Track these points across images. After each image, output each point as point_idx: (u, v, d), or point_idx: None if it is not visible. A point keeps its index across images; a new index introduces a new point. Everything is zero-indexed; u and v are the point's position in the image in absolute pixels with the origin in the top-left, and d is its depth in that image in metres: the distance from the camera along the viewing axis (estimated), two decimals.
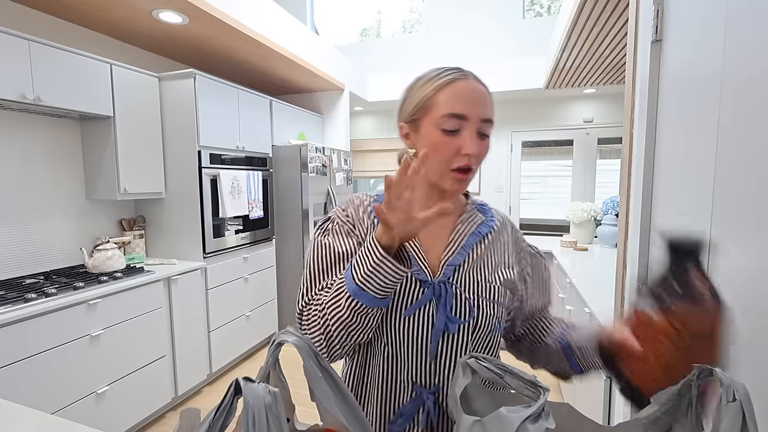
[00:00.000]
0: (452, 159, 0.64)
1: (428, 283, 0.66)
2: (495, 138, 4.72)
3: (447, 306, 0.65)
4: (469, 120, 0.63)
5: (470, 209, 0.76)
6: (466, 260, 0.69)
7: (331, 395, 0.41)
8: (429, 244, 0.70)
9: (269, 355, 0.45)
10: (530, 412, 0.35)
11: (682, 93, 0.89)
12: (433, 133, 0.65)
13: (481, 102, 0.64)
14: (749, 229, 0.65)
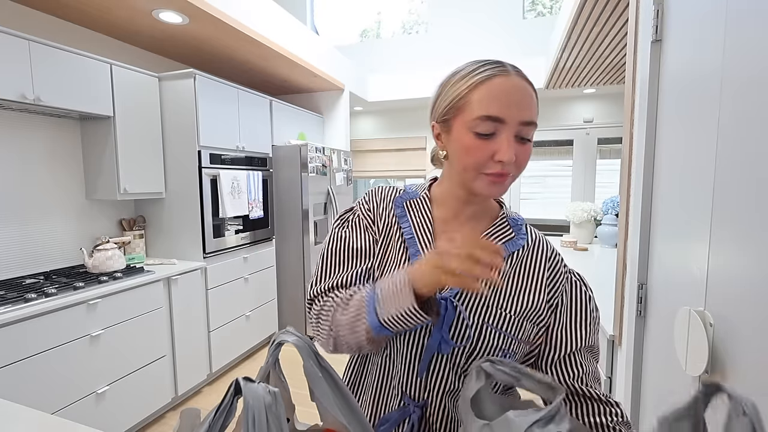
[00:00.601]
0: (485, 164, 0.58)
1: (432, 297, 0.59)
2: None
3: (445, 325, 0.59)
4: (507, 123, 0.56)
5: (501, 222, 0.68)
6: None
7: (331, 395, 0.41)
8: None
9: (269, 355, 0.45)
10: (539, 416, 0.35)
11: (682, 93, 0.89)
12: (465, 136, 0.58)
13: (522, 102, 0.57)
14: (749, 229, 0.65)
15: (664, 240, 0.99)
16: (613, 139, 4.33)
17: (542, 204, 4.72)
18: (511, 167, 0.58)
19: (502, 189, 0.60)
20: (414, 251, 0.64)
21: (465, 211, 0.67)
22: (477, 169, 0.59)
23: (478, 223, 0.68)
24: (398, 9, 5.32)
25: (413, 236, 0.65)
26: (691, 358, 0.77)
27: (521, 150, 0.58)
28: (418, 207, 0.69)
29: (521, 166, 0.60)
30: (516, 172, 0.60)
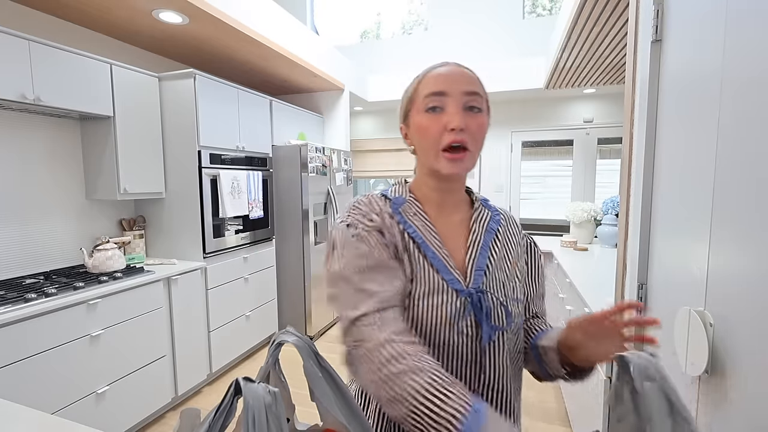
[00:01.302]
0: (441, 138, 0.63)
1: (464, 292, 0.63)
2: (495, 138, 4.72)
3: (488, 316, 0.63)
4: (450, 95, 0.63)
5: (478, 207, 0.74)
6: (489, 261, 0.67)
7: (331, 395, 0.41)
8: (450, 247, 0.67)
9: (269, 355, 0.45)
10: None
11: (682, 93, 0.89)
12: (420, 118, 0.65)
13: (461, 78, 0.64)
14: (749, 229, 0.65)
15: (664, 240, 0.99)
16: (613, 139, 4.33)
17: (542, 204, 4.72)
18: (466, 137, 0.62)
19: (463, 166, 0.64)
20: (431, 254, 0.65)
21: (446, 203, 0.71)
22: (435, 145, 0.63)
23: (461, 212, 0.72)
24: (398, 9, 5.32)
25: (424, 240, 0.66)
26: (691, 358, 0.77)
27: (472, 119, 0.63)
28: (412, 211, 0.69)
29: (476, 137, 0.64)
30: (473, 145, 0.64)
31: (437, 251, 0.65)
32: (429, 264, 0.64)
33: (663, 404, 0.36)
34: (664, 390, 0.36)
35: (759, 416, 0.62)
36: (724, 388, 0.70)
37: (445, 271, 0.63)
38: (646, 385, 0.37)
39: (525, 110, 4.59)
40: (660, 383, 0.36)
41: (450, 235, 0.69)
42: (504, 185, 4.72)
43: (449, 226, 0.69)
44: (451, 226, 0.70)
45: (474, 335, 0.63)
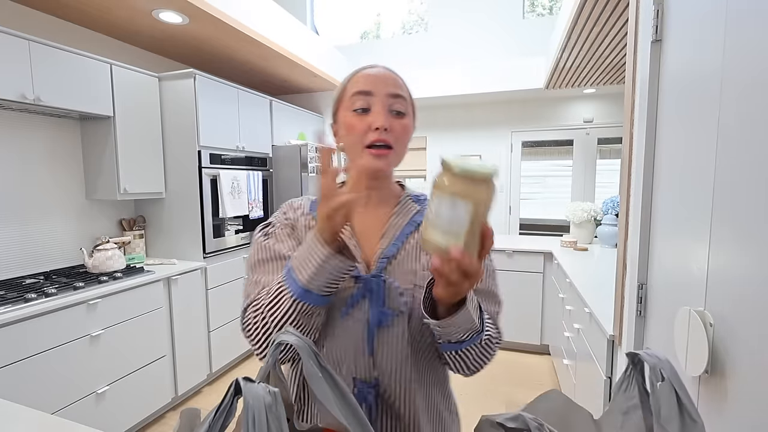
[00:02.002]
0: (365, 136, 0.66)
1: (361, 278, 0.65)
2: (495, 138, 4.72)
3: (380, 300, 0.65)
4: (375, 95, 0.66)
5: (404, 201, 0.75)
6: (400, 251, 0.69)
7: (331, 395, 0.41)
8: (365, 240, 0.71)
9: (269, 355, 0.45)
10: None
11: (682, 93, 0.89)
12: (347, 116, 0.68)
13: (386, 80, 0.67)
14: (749, 229, 0.65)
15: (664, 240, 0.99)
16: (613, 139, 4.33)
17: (542, 204, 4.72)
18: (390, 137, 0.66)
19: (386, 162, 0.67)
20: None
21: (371, 198, 0.74)
22: (360, 142, 0.66)
23: (386, 206, 0.74)
24: (398, 9, 5.32)
25: None
26: (691, 358, 0.77)
27: (396, 122, 0.67)
28: None
29: (399, 138, 0.67)
30: (396, 145, 0.67)
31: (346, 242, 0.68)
32: None
33: (672, 403, 0.36)
34: (674, 389, 0.36)
35: (759, 416, 0.62)
36: (724, 388, 0.70)
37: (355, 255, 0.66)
38: (657, 384, 0.37)
39: (525, 110, 4.59)
40: (670, 382, 0.37)
41: (369, 227, 0.72)
42: (504, 185, 4.72)
43: (371, 220, 0.73)
44: (373, 219, 0.73)
45: (366, 320, 0.65)
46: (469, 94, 4.30)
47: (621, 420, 0.41)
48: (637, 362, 0.41)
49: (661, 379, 0.37)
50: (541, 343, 3.01)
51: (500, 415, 0.39)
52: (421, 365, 0.69)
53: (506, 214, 4.75)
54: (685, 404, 0.36)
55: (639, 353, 0.40)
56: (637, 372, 0.42)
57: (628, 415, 0.41)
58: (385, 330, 0.65)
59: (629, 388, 0.42)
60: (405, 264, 0.68)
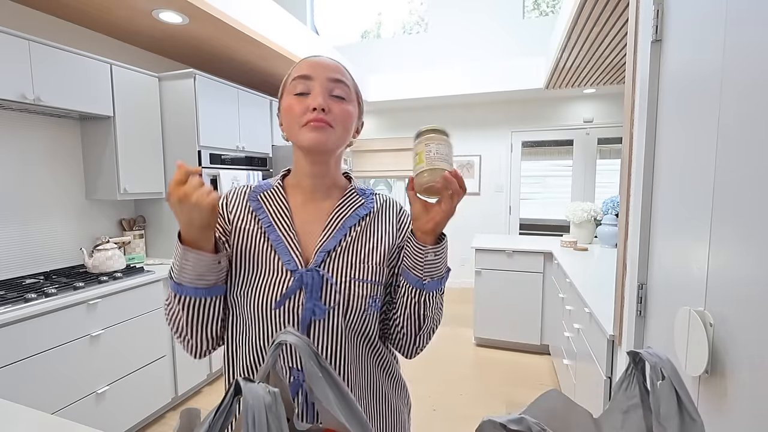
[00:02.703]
0: (303, 116, 0.66)
1: (297, 272, 0.66)
2: (495, 138, 4.72)
3: (314, 293, 0.65)
4: (315, 79, 0.67)
5: (349, 194, 0.75)
6: (340, 243, 0.69)
7: (331, 395, 0.41)
8: (306, 232, 0.71)
9: (269, 355, 0.45)
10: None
11: (682, 93, 0.89)
12: (288, 100, 0.68)
13: (328, 66, 0.68)
14: (750, 229, 0.65)
15: (664, 240, 0.99)
16: (613, 139, 4.33)
17: (542, 204, 4.72)
18: (329, 118, 0.66)
19: (324, 136, 0.66)
20: (275, 237, 0.69)
21: (317, 189, 0.74)
22: (299, 121, 0.67)
23: (331, 198, 0.75)
24: (398, 9, 5.32)
25: (271, 224, 0.70)
26: (691, 358, 0.77)
27: (335, 104, 0.67)
28: (273, 197, 0.74)
29: (339, 120, 0.67)
30: (337, 125, 0.67)
31: (283, 234, 0.69)
32: (270, 246, 0.69)
33: (672, 402, 0.36)
34: (674, 388, 0.36)
35: (759, 416, 0.62)
36: (724, 388, 0.70)
37: (284, 253, 0.67)
38: (658, 383, 0.37)
39: (525, 110, 4.59)
40: (671, 381, 0.37)
41: (311, 220, 0.72)
42: (504, 185, 4.72)
43: (314, 213, 0.73)
44: (316, 212, 0.73)
45: (300, 312, 0.66)
46: (469, 94, 4.30)
47: (621, 419, 0.42)
48: (638, 361, 0.42)
49: (662, 378, 0.38)
50: (541, 343, 3.02)
51: (503, 417, 0.39)
52: (360, 356, 0.70)
53: (506, 214, 4.75)
54: (685, 403, 0.36)
55: (640, 352, 0.40)
56: (638, 371, 0.42)
57: (629, 414, 0.41)
58: (320, 323, 0.66)
59: (630, 387, 0.42)
60: (344, 257, 0.68)
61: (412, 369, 2.81)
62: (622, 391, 0.43)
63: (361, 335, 0.70)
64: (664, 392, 0.37)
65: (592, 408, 1.58)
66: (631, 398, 0.42)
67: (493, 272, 3.09)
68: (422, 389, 2.54)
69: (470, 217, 4.89)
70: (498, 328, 3.11)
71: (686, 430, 0.36)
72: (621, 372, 1.22)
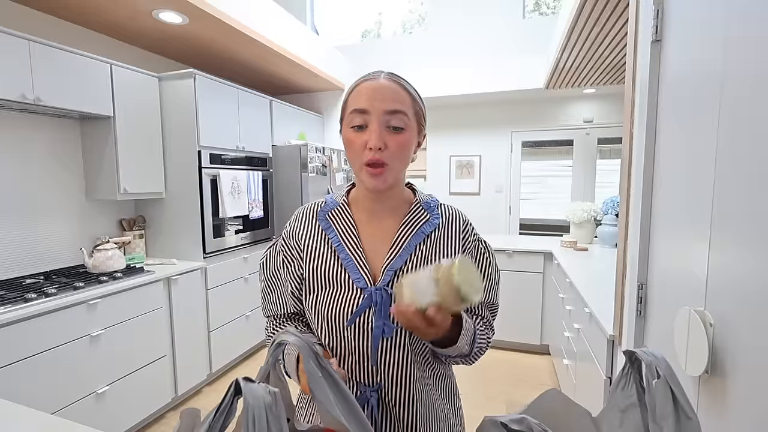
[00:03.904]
0: (361, 154, 0.67)
1: (367, 290, 0.68)
2: (495, 138, 4.72)
3: (383, 311, 0.67)
4: (371, 113, 0.66)
5: (414, 208, 0.76)
6: (406, 263, 0.70)
7: (331, 395, 0.41)
8: (373, 250, 0.72)
9: (269, 355, 0.45)
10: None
11: (682, 93, 0.89)
12: (347, 133, 0.69)
13: (386, 96, 0.67)
14: (749, 229, 0.65)
15: (664, 240, 0.99)
16: (613, 139, 4.33)
17: (542, 204, 4.72)
18: (385, 155, 0.66)
19: (382, 181, 0.68)
20: (344, 256, 0.71)
21: (379, 207, 0.75)
22: (358, 159, 0.68)
23: (396, 215, 0.75)
24: (399, 9, 5.32)
25: (340, 243, 0.73)
26: (691, 358, 0.77)
27: (392, 138, 0.67)
28: (340, 215, 0.76)
29: (395, 154, 0.67)
30: (392, 162, 0.67)
31: (352, 253, 0.71)
32: (341, 265, 0.71)
33: (668, 400, 0.36)
34: (669, 387, 0.37)
35: (759, 416, 0.62)
36: (724, 388, 0.70)
37: (353, 271, 0.69)
38: (653, 382, 0.38)
39: (525, 110, 4.59)
40: (666, 379, 0.37)
41: (377, 238, 0.73)
42: (504, 185, 4.72)
43: (379, 230, 0.74)
44: (381, 229, 0.74)
45: (370, 330, 0.68)
46: (470, 94, 4.30)
47: (620, 417, 0.42)
48: (635, 360, 0.42)
49: (657, 377, 0.38)
50: (541, 343, 3.02)
51: (504, 417, 0.39)
52: (422, 372, 0.72)
53: (506, 214, 4.75)
54: (681, 401, 0.36)
55: (636, 351, 0.40)
56: (634, 370, 0.42)
57: (627, 413, 0.41)
58: (389, 341, 0.68)
59: (627, 386, 0.42)
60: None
61: None
62: (620, 390, 0.43)
63: (425, 355, 0.72)
64: (659, 391, 0.37)
65: (592, 408, 1.57)
66: (629, 397, 0.42)
67: None
68: None
69: (470, 217, 4.87)
70: (498, 328, 3.11)
71: (682, 428, 0.36)
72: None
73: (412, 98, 0.71)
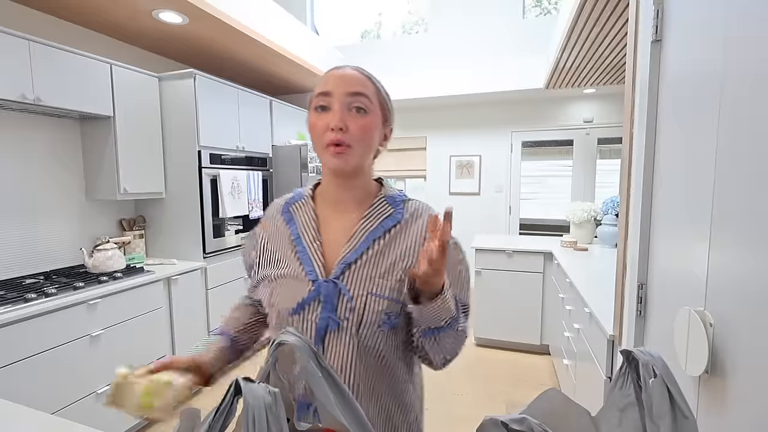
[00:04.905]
0: (324, 134, 0.67)
1: (317, 282, 0.68)
2: (495, 138, 4.72)
3: (329, 304, 0.67)
4: (333, 95, 0.67)
5: (378, 203, 0.74)
6: (361, 256, 0.69)
7: (331, 395, 0.41)
8: (332, 243, 0.72)
9: (269, 355, 0.45)
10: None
11: (682, 93, 0.89)
12: (311, 115, 0.70)
13: (348, 79, 0.68)
14: (750, 229, 0.65)
15: (664, 240, 0.99)
16: (613, 139, 4.33)
17: (542, 204, 4.72)
18: (347, 137, 0.66)
19: (344, 161, 0.68)
20: (301, 248, 0.72)
21: (344, 196, 0.75)
22: (320, 140, 0.68)
23: (360, 208, 0.74)
24: (398, 9, 5.32)
25: (299, 236, 0.74)
26: (691, 358, 0.77)
27: (354, 120, 0.67)
28: (303, 207, 0.77)
29: (357, 137, 0.67)
30: (355, 144, 0.67)
31: (308, 245, 0.72)
32: (296, 256, 0.72)
33: (665, 399, 0.36)
34: (666, 386, 0.36)
35: (759, 416, 0.62)
36: (724, 388, 0.70)
37: (307, 263, 0.70)
38: (650, 381, 0.38)
39: (525, 110, 4.59)
40: (662, 379, 0.37)
41: (339, 231, 0.73)
42: (504, 185, 4.72)
43: (342, 223, 0.74)
44: (343, 222, 0.74)
45: (315, 321, 0.67)
46: (469, 94, 4.30)
47: (618, 416, 0.42)
48: (632, 360, 0.42)
49: (654, 376, 0.38)
50: (541, 343, 3.02)
51: (504, 416, 0.39)
52: (370, 371, 0.68)
53: (506, 214, 4.75)
54: (677, 400, 0.36)
55: (632, 350, 0.41)
56: (632, 369, 0.42)
57: (625, 412, 0.41)
58: (334, 334, 0.67)
59: (625, 385, 0.42)
60: (363, 271, 0.68)
61: None
62: (618, 390, 0.43)
63: (374, 354, 0.68)
64: (656, 390, 0.37)
65: (593, 408, 1.57)
66: (627, 396, 0.42)
67: (493, 272, 3.08)
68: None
69: (470, 217, 4.89)
70: (498, 328, 3.11)
71: (679, 427, 0.36)
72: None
73: (377, 88, 0.72)
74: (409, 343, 0.73)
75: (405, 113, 5.10)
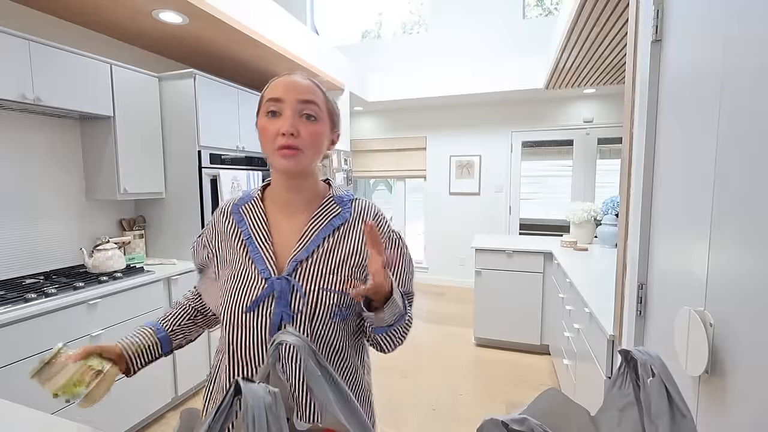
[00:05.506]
0: (274, 139, 0.70)
1: (269, 279, 0.71)
2: (495, 138, 4.72)
3: (282, 299, 0.70)
4: (285, 101, 0.70)
5: (326, 203, 0.78)
6: (312, 254, 0.73)
7: (331, 395, 0.41)
8: (281, 242, 0.75)
9: (269, 355, 0.45)
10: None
11: (682, 93, 0.89)
12: (261, 120, 0.72)
13: (298, 87, 0.71)
14: (750, 229, 0.65)
15: (664, 240, 0.99)
16: (613, 139, 4.33)
17: (542, 204, 4.72)
18: (298, 142, 0.69)
19: (294, 162, 0.70)
20: (252, 248, 0.75)
21: (294, 198, 0.78)
22: (271, 145, 0.70)
23: (309, 210, 0.78)
24: (399, 9, 5.32)
25: (250, 236, 0.76)
26: (691, 358, 0.77)
27: (305, 127, 0.70)
28: (253, 208, 0.80)
29: (307, 142, 0.70)
30: (306, 149, 0.71)
31: (260, 244, 0.75)
32: (248, 256, 0.75)
33: (663, 399, 0.36)
34: (664, 385, 0.37)
35: (759, 416, 0.62)
36: (724, 388, 0.70)
37: (259, 262, 0.73)
38: (648, 380, 0.38)
39: (525, 110, 4.59)
40: (660, 378, 0.37)
41: (289, 231, 0.76)
42: (504, 185, 4.72)
43: (292, 224, 0.77)
44: (293, 223, 0.77)
45: (269, 317, 0.70)
46: (469, 94, 4.30)
47: (618, 416, 0.42)
48: (630, 359, 0.42)
49: (652, 375, 0.38)
50: (541, 343, 3.02)
51: (505, 417, 0.39)
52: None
53: (506, 214, 4.75)
54: (675, 400, 0.36)
55: (630, 350, 0.41)
56: (630, 369, 0.42)
57: (625, 412, 0.41)
58: (285, 327, 0.69)
59: (624, 385, 0.42)
60: (314, 267, 0.73)
61: (412, 368, 2.81)
62: (617, 389, 0.43)
63: (327, 344, 0.73)
64: (654, 389, 0.37)
65: (593, 408, 1.57)
66: (626, 396, 0.42)
67: (493, 272, 3.09)
68: (422, 389, 2.54)
69: (470, 217, 4.89)
70: (498, 328, 3.11)
71: (677, 426, 0.36)
72: None
73: (325, 96, 0.75)
74: (359, 332, 0.79)
75: (405, 113, 5.10)
